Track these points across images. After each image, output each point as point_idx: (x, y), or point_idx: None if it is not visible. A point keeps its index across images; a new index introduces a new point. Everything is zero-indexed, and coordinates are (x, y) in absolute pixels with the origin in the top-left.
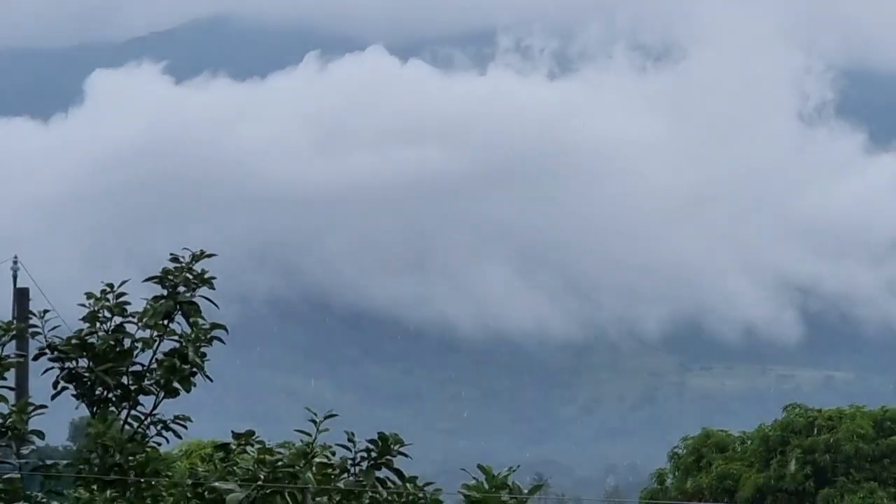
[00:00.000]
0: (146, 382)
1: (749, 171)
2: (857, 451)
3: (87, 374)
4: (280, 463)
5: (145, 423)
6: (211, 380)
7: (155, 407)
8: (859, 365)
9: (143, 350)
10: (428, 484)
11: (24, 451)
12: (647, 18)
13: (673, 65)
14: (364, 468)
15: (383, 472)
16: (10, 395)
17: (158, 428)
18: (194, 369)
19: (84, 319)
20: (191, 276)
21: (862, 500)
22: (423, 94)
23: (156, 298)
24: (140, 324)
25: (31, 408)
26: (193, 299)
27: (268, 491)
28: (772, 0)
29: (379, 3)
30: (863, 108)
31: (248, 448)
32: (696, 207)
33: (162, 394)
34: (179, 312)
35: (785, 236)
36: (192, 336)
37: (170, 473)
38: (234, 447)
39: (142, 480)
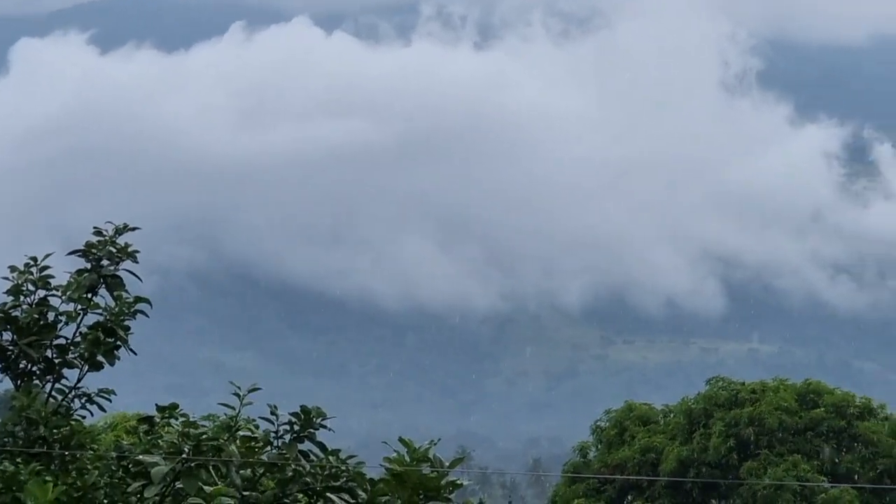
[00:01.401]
0: (70, 356)
1: (673, 142)
2: (780, 424)
3: (10, 348)
4: (204, 436)
5: (70, 396)
6: (135, 353)
7: (79, 380)
8: (783, 337)
9: (66, 323)
10: (350, 457)
11: None
12: None
13: (596, 33)
14: (287, 441)
15: (306, 445)
16: None
17: (83, 401)
18: (118, 343)
19: (7, 293)
20: (114, 250)
21: (785, 473)
22: (348, 65)
23: (79, 272)
24: (64, 297)
25: None
26: (117, 273)
27: (192, 464)
28: None
29: None
30: (788, 79)
31: (173, 421)
32: (618, 179)
33: (86, 367)
34: (103, 286)
35: (708, 207)
36: (116, 310)
37: (94, 446)
38: (158, 420)
39: (66, 453)
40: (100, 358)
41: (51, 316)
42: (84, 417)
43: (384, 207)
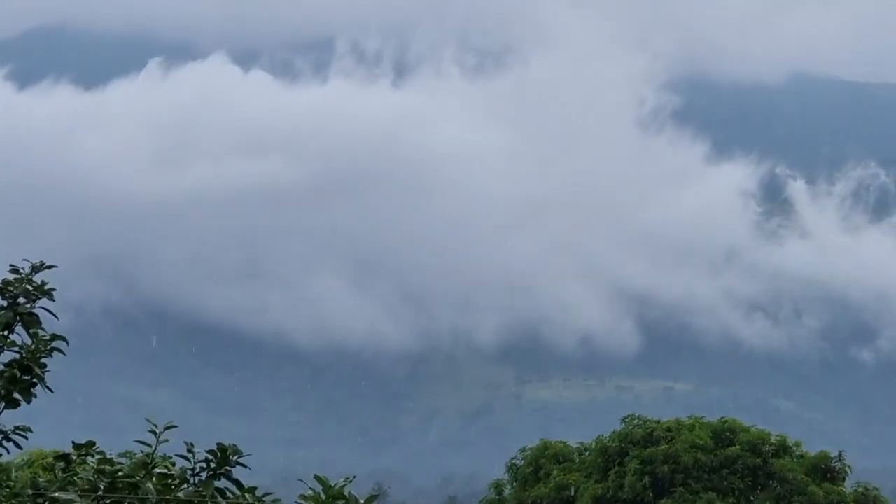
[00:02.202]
0: None
1: (589, 179)
2: (695, 462)
3: None
4: (120, 473)
5: None
6: (51, 390)
7: None
8: (698, 376)
9: None
10: (266, 494)
11: None
12: (483, 23)
13: (511, 68)
14: (204, 478)
15: (223, 483)
16: None
17: None
18: (34, 380)
19: None
20: (31, 288)
21: None
22: (265, 103)
23: None
24: None
25: None
26: (33, 311)
27: (108, 501)
28: (613, 2)
29: (220, 12)
30: (705, 117)
31: (89, 458)
32: (533, 216)
33: (2, 404)
34: (19, 324)
35: (623, 245)
36: (33, 347)
37: (11, 483)
38: (74, 457)
39: None
40: (16, 395)
41: None
42: (0, 455)
43: (299, 245)
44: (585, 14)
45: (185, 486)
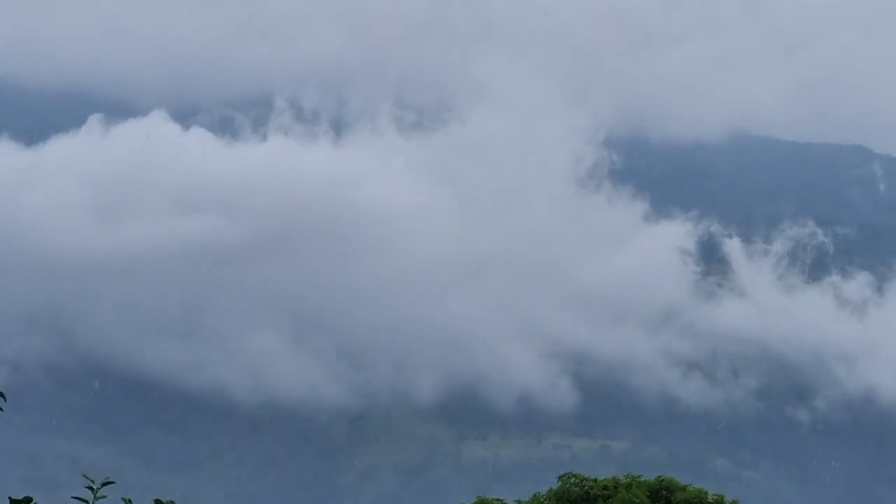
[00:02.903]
0: None
1: (527, 237)
2: None
3: None
4: None
5: None
6: None
7: None
8: (636, 434)
9: None
10: None
11: None
12: (420, 79)
13: (450, 126)
14: None
15: None
16: None
17: None
18: None
19: None
20: None
21: None
22: (204, 161)
23: None
24: None
25: None
26: None
27: None
28: (552, 59)
29: (159, 68)
30: (643, 176)
31: None
32: (471, 274)
33: None
34: None
35: (561, 304)
36: None
37: None
38: None
39: None
40: None
41: None
42: None
43: (237, 302)
44: (523, 70)
45: None
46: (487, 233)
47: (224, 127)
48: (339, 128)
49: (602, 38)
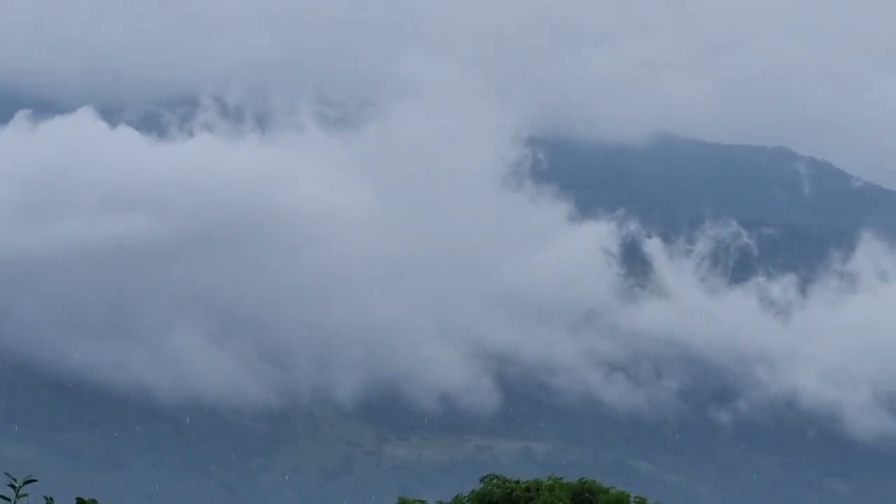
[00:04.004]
0: None
1: (450, 237)
2: None
3: None
4: None
5: None
6: None
7: None
8: (558, 436)
9: None
10: None
11: None
12: (343, 76)
13: (374, 124)
14: None
15: None
16: None
17: None
18: None
19: None
20: None
21: None
22: (131, 159)
23: None
24: None
25: None
26: None
27: None
28: (476, 57)
29: (86, 66)
30: (567, 177)
31: None
32: (394, 274)
33: None
34: None
35: (484, 304)
36: None
37: None
38: None
39: None
40: None
41: None
42: None
43: (161, 301)
44: (447, 68)
45: None
46: (410, 232)
47: (150, 125)
48: (264, 125)
49: (527, 37)
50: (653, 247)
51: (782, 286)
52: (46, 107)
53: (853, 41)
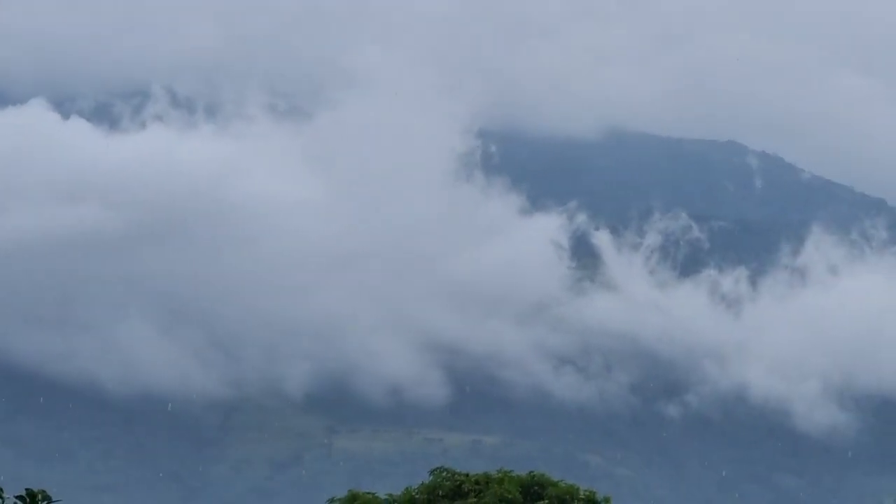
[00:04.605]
0: None
1: (400, 229)
2: None
3: None
4: None
5: None
6: None
7: None
8: (507, 429)
9: None
10: None
11: None
12: (293, 66)
13: (324, 115)
14: None
15: None
16: None
17: None
18: None
19: None
20: None
21: None
22: (84, 150)
23: None
24: None
25: None
26: None
27: None
28: (426, 47)
29: (37, 57)
30: (517, 169)
31: None
32: (343, 266)
33: None
34: None
35: (433, 296)
36: None
37: None
38: None
39: None
40: None
41: None
42: None
43: (111, 293)
44: (397, 58)
45: None
46: (360, 224)
47: (102, 116)
48: (214, 117)
49: (479, 27)
50: (602, 240)
51: (732, 280)
52: None
53: (805, 34)
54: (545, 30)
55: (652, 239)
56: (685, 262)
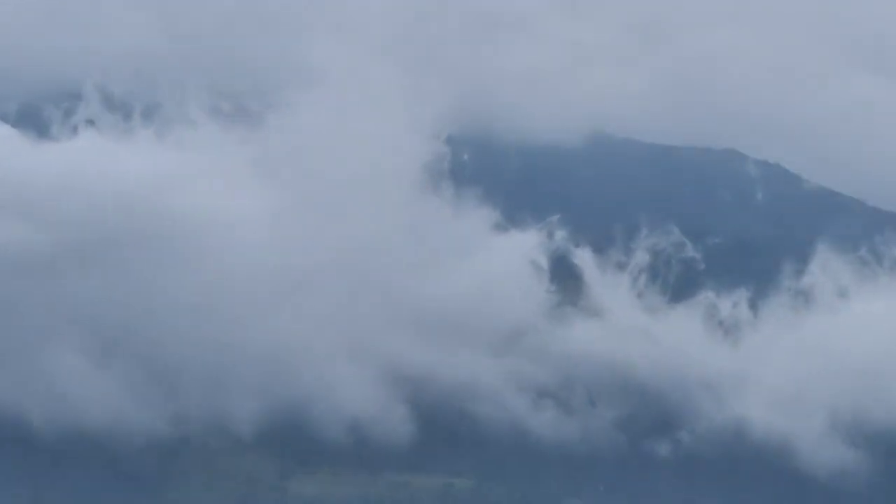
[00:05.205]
0: None
1: (361, 246)
2: None
3: None
4: None
5: None
6: None
7: None
8: (482, 471)
9: None
10: None
11: None
12: (245, 66)
13: (277, 120)
14: None
15: None
16: None
17: None
18: None
19: None
20: None
21: None
22: (9, 160)
23: None
24: None
25: None
26: None
27: None
28: (391, 43)
29: None
30: (492, 181)
31: None
32: (298, 287)
33: None
34: None
35: (398, 322)
36: None
37: None
38: None
39: None
40: None
41: None
42: None
43: (37, 318)
44: (357, 55)
45: None
46: (316, 241)
47: (29, 121)
48: (153, 122)
49: (448, 20)
50: (585, 259)
51: (730, 303)
52: None
53: (812, 28)
54: (522, 23)
55: (640, 258)
56: (677, 283)
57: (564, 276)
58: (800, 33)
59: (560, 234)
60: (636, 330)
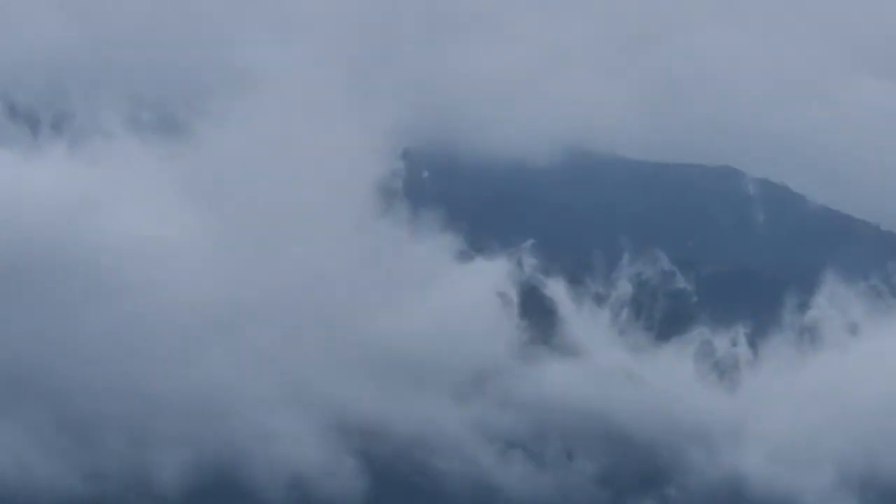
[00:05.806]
0: None
1: (303, 277)
2: None
3: None
4: None
5: None
6: None
7: None
8: None
9: None
10: None
11: None
12: (172, 72)
13: (207, 133)
14: None
15: None
16: None
17: None
18: None
19: None
20: None
21: None
22: None
23: None
24: None
25: None
26: None
27: None
28: (339, 46)
29: None
30: (455, 202)
31: None
32: (230, 324)
33: None
34: None
35: (345, 363)
36: None
37: None
38: None
39: None
40: None
41: None
42: None
43: None
44: (300, 59)
45: None
46: (252, 271)
47: None
48: (64, 135)
49: (405, 20)
50: (559, 291)
51: (726, 341)
52: None
53: (815, 31)
54: (489, 23)
55: (623, 290)
56: (665, 319)
57: (536, 310)
58: (803, 36)
59: (531, 263)
60: (618, 372)
